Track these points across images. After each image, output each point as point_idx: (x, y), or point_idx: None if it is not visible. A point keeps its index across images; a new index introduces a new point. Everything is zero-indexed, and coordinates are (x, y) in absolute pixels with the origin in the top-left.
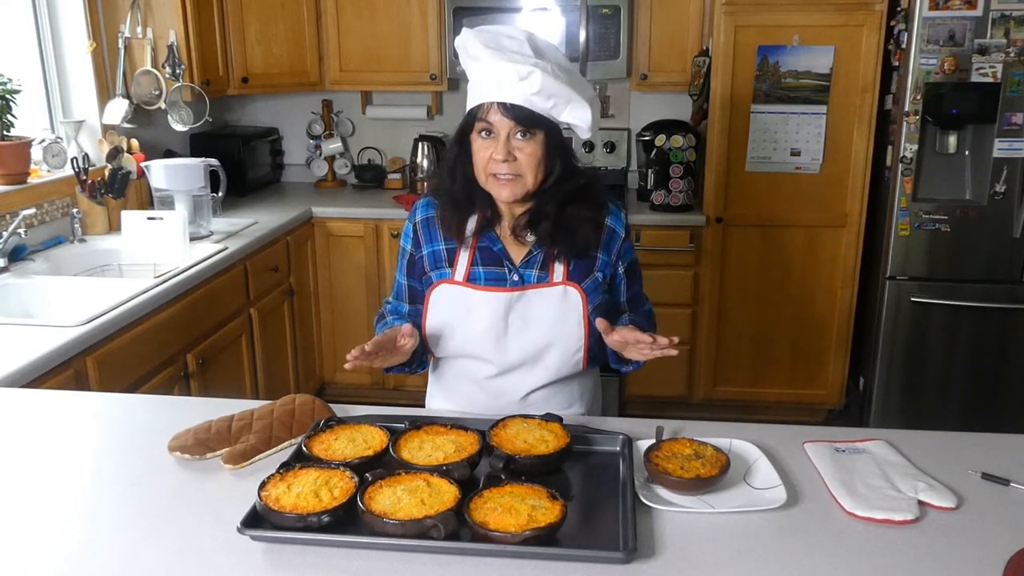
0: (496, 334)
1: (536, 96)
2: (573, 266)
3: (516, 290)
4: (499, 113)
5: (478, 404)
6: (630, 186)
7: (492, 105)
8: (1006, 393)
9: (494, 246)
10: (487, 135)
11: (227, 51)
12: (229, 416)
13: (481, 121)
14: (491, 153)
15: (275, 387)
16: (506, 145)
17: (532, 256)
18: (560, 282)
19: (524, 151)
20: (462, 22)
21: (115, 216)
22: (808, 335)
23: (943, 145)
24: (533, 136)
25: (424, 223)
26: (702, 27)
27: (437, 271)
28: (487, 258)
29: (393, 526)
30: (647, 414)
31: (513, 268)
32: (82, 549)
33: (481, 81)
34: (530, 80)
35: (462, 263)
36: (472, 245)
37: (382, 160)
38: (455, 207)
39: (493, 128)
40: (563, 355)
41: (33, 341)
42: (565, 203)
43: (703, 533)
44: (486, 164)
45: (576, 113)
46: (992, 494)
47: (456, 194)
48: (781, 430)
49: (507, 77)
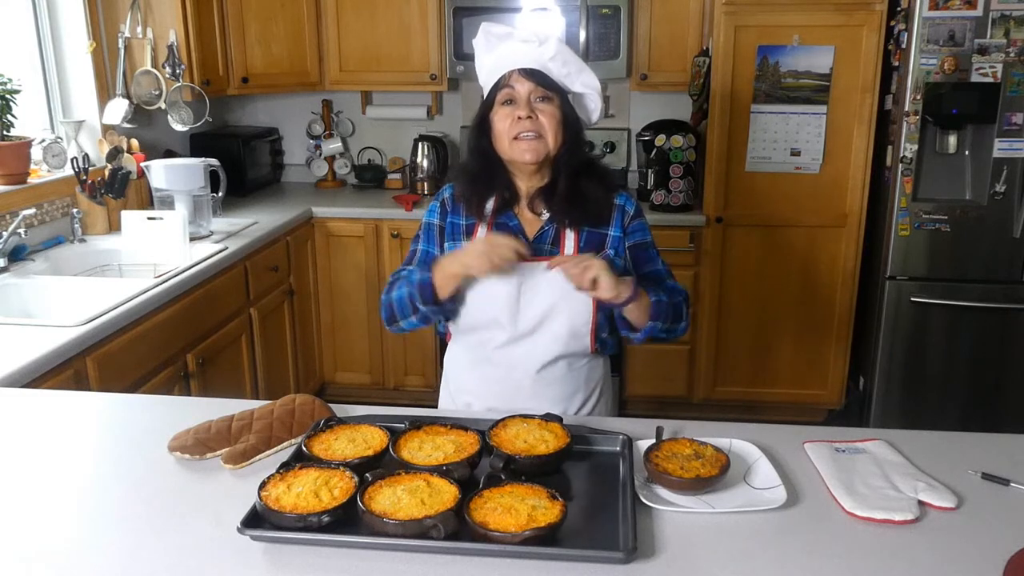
0: (508, 301)
1: (552, 62)
2: (584, 242)
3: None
4: (519, 77)
5: (491, 380)
6: (630, 186)
7: (513, 72)
8: (1006, 393)
9: (510, 222)
10: (509, 103)
11: (227, 51)
12: (229, 416)
13: (503, 88)
14: (514, 116)
15: (275, 387)
16: (528, 105)
17: (544, 231)
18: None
19: (544, 112)
20: (462, 22)
21: (115, 216)
22: (808, 335)
23: (943, 145)
24: (551, 100)
25: (451, 199)
26: (702, 27)
27: (452, 243)
28: (502, 232)
29: (393, 526)
30: (647, 414)
31: (527, 243)
32: (82, 549)
33: (499, 59)
34: (546, 46)
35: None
36: (489, 222)
37: (382, 160)
38: (475, 185)
39: (515, 91)
40: (571, 327)
41: (33, 341)
42: (577, 175)
43: (703, 533)
44: (509, 128)
45: (587, 80)
46: (992, 494)
47: (477, 173)
48: (781, 430)
49: (525, 47)
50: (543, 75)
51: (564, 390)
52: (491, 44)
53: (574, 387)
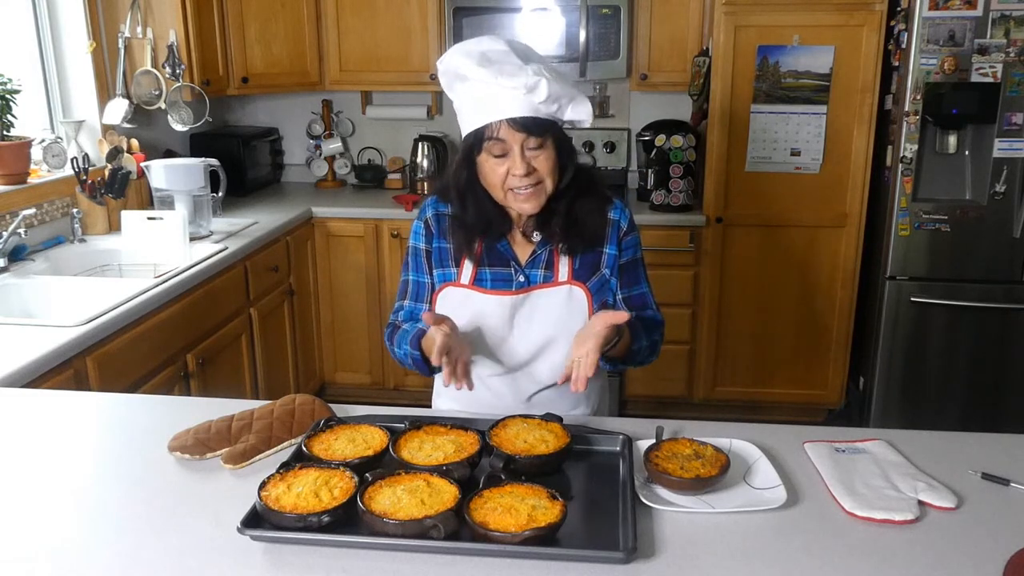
0: (502, 336)
1: (542, 104)
2: (578, 264)
3: (522, 292)
4: (508, 129)
5: (484, 404)
6: (630, 186)
7: (501, 123)
8: (1006, 393)
9: (501, 246)
10: (500, 154)
11: (227, 51)
12: (229, 416)
13: (491, 140)
14: (507, 170)
15: (275, 387)
16: (523, 159)
17: (537, 255)
18: (565, 281)
19: (539, 159)
20: (462, 22)
21: (115, 216)
22: (808, 335)
23: (943, 145)
24: (545, 143)
25: (435, 219)
26: (702, 27)
27: (441, 271)
28: (493, 258)
29: (393, 526)
30: (647, 414)
31: (519, 268)
32: (82, 549)
33: (480, 100)
34: (537, 90)
35: (468, 265)
36: (478, 250)
37: (382, 160)
38: (468, 232)
39: (505, 144)
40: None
41: (33, 341)
42: (574, 199)
43: (703, 533)
44: (503, 182)
45: (577, 110)
46: (992, 494)
47: (470, 220)
48: (781, 430)
49: (512, 92)
50: (534, 121)
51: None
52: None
53: (572, 404)
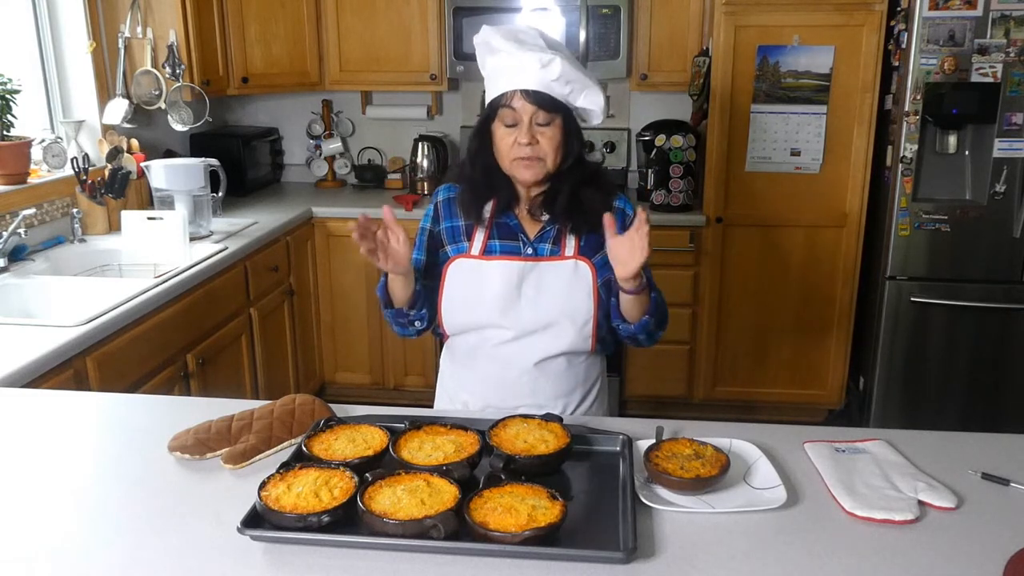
0: (509, 301)
1: (555, 82)
2: (584, 241)
3: (530, 260)
4: (521, 99)
5: (491, 377)
6: (630, 186)
7: (515, 93)
8: (1006, 393)
9: (510, 221)
10: (510, 123)
11: (227, 51)
12: (229, 416)
13: (504, 108)
14: (515, 139)
15: (275, 387)
16: (529, 130)
17: (546, 231)
18: (572, 256)
19: (545, 135)
20: (462, 22)
21: (115, 216)
22: (808, 335)
23: (943, 145)
24: (552, 120)
25: (446, 203)
26: (702, 27)
27: (454, 245)
28: (503, 232)
29: (393, 526)
30: (647, 414)
31: (528, 242)
32: (82, 549)
33: (502, 70)
34: (551, 67)
35: (479, 237)
36: (489, 223)
37: (382, 160)
38: (475, 193)
39: (516, 113)
40: (574, 325)
41: (33, 341)
42: (579, 185)
43: (703, 533)
44: (510, 150)
45: (590, 98)
46: (992, 494)
47: (477, 181)
48: (781, 430)
49: (529, 65)
50: (545, 96)
51: (563, 386)
52: (493, 50)
53: (572, 383)
